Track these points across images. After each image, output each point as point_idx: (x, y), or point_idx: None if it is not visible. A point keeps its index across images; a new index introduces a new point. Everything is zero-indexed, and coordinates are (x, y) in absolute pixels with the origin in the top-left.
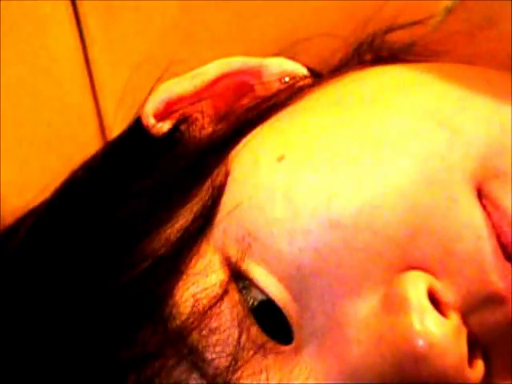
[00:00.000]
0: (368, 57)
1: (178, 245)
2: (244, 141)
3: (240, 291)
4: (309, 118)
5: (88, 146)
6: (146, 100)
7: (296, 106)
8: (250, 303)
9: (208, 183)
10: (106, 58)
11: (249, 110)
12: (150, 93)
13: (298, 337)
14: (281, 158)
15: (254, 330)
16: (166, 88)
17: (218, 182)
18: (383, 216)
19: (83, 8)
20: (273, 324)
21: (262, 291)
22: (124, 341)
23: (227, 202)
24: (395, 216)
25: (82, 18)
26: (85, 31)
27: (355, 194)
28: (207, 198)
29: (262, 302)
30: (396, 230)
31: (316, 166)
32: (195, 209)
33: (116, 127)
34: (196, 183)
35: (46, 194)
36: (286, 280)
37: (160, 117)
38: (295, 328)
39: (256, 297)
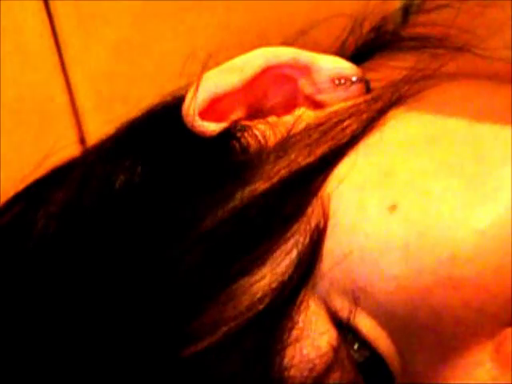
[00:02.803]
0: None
1: (280, 295)
2: (336, 173)
3: (347, 346)
4: (410, 158)
5: (58, 121)
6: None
7: (383, 133)
8: (357, 358)
9: (302, 221)
10: (75, 32)
11: (338, 131)
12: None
13: None
14: (393, 208)
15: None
16: (211, 82)
17: (315, 223)
18: (504, 278)
19: None
20: (374, 373)
21: (370, 343)
22: None
23: (333, 250)
24: None
25: None
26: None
27: (478, 253)
28: (307, 242)
29: (367, 357)
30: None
31: (434, 219)
32: (293, 254)
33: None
34: (287, 218)
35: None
36: (394, 333)
37: (204, 114)
38: (398, 379)
39: (362, 352)
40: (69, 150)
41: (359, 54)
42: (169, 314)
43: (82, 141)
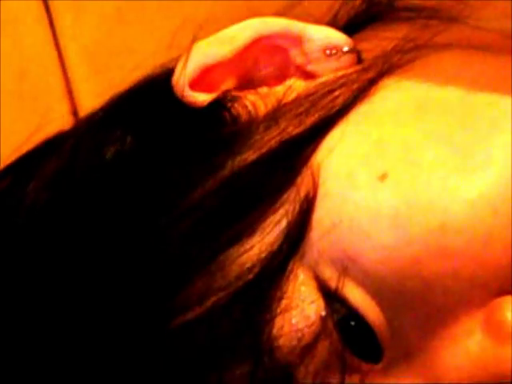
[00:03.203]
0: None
1: (269, 265)
2: (326, 143)
3: (333, 314)
4: (401, 128)
5: (50, 94)
6: None
7: (373, 102)
8: (343, 325)
9: (292, 191)
10: (67, 3)
11: (328, 100)
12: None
13: (388, 357)
14: (383, 177)
15: (347, 352)
16: (201, 53)
17: (305, 193)
18: (493, 248)
19: None
20: (362, 343)
21: (358, 312)
22: (220, 373)
23: (322, 219)
24: (505, 250)
25: None
26: None
27: (468, 222)
28: (296, 212)
29: (354, 324)
30: (503, 260)
31: (424, 188)
32: (282, 224)
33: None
34: (276, 188)
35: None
36: (383, 303)
37: (194, 85)
38: (386, 349)
39: (348, 319)
40: (61, 122)
41: (351, 25)
42: (157, 285)
43: (75, 113)
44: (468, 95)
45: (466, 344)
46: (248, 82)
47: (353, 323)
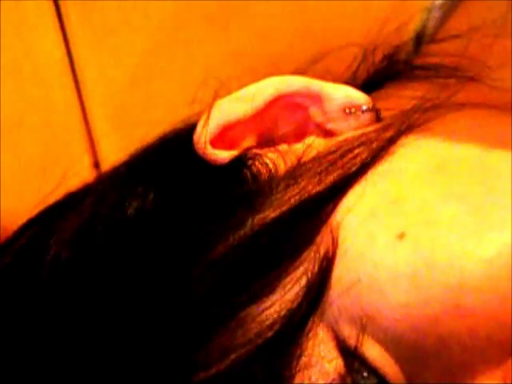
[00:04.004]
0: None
1: (289, 323)
2: (345, 201)
3: (353, 374)
4: (419, 186)
5: (73, 146)
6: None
7: (392, 161)
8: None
9: (312, 249)
10: (92, 58)
11: (347, 159)
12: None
13: None
14: (401, 236)
15: None
16: (222, 111)
17: (324, 251)
18: (510, 308)
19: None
20: None
21: (378, 371)
22: None
23: (341, 278)
24: None
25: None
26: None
27: (485, 281)
28: (316, 270)
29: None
30: None
31: (442, 247)
32: (302, 282)
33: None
34: (296, 246)
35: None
36: (402, 361)
37: (215, 142)
38: None
39: (370, 380)
40: (83, 174)
41: (370, 83)
42: (179, 341)
43: (97, 165)
44: (485, 154)
45: None
46: (268, 140)
47: (374, 382)
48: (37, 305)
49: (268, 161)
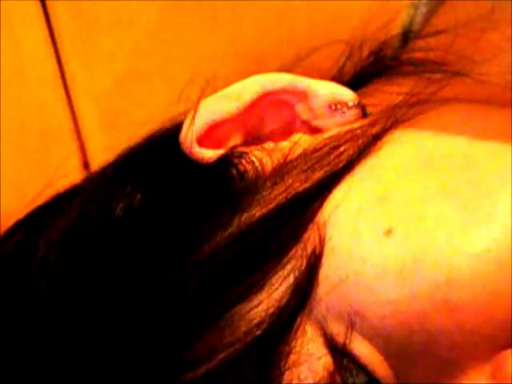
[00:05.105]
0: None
1: (277, 321)
2: (332, 198)
3: (342, 371)
4: (405, 182)
5: (62, 146)
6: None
7: (378, 157)
8: (354, 383)
9: (299, 247)
10: (80, 58)
11: (334, 156)
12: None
13: None
14: (389, 233)
15: None
16: (208, 109)
17: (311, 249)
18: (498, 301)
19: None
20: None
21: (366, 368)
22: None
23: (329, 275)
24: (510, 303)
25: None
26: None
27: (473, 277)
28: (303, 267)
29: (365, 382)
30: (508, 313)
31: (429, 243)
32: (290, 280)
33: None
34: (283, 244)
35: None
36: (390, 357)
37: (201, 141)
38: None
39: (359, 376)
40: (73, 175)
41: (357, 79)
42: (166, 341)
43: (86, 166)
44: (471, 149)
45: None
46: (254, 138)
47: (363, 378)
48: (26, 305)
49: (254, 159)
